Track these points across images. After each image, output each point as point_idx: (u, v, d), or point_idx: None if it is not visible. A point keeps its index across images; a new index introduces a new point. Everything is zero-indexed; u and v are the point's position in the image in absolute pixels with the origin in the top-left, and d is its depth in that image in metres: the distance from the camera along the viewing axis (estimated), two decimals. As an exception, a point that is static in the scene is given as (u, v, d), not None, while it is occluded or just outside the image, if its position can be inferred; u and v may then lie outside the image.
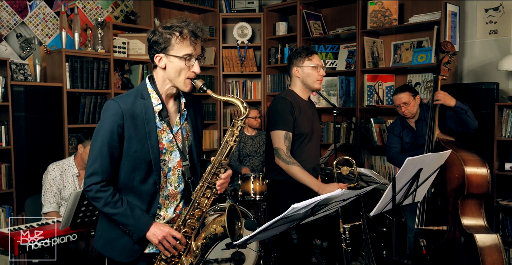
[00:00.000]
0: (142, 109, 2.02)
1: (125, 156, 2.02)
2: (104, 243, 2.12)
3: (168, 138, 2.09)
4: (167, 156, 2.09)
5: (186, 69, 1.99)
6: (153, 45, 2.02)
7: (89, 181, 1.99)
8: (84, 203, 2.93)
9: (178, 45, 1.98)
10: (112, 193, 2.00)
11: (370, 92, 4.80)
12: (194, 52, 1.99)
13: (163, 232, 2.00)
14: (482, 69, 4.38)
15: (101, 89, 4.51)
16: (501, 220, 3.99)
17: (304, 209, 1.95)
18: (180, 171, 2.14)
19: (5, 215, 3.97)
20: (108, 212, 2.00)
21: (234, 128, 2.06)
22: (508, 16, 4.21)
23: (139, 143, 2.01)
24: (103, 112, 2.02)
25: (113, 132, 1.98)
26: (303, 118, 2.98)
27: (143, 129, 2.01)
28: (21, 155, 3.98)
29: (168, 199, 2.14)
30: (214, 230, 2.05)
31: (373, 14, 4.67)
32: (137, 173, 2.03)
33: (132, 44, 4.80)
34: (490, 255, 3.06)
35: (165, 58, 2.01)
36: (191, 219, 2.08)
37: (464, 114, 3.48)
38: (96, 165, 1.99)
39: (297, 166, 2.87)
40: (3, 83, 3.88)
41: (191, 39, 1.98)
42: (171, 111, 2.13)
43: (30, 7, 4.40)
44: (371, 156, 4.91)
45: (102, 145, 1.99)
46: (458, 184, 3.18)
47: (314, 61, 3.02)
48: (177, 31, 1.97)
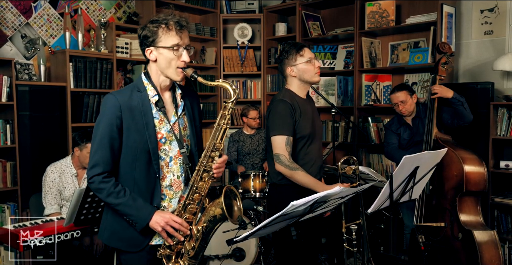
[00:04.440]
0: (139, 101, 2.09)
1: (125, 147, 2.08)
2: (110, 235, 2.17)
3: (167, 128, 2.14)
4: (167, 146, 2.14)
5: (176, 58, 2.06)
6: (143, 40, 2.09)
7: (91, 172, 2.04)
8: (88, 200, 2.97)
9: (165, 36, 2.05)
10: (114, 184, 2.05)
11: (367, 92, 4.86)
12: (181, 42, 2.06)
13: (164, 218, 2.04)
14: (477, 69, 4.43)
15: (104, 88, 4.56)
16: (496, 217, 4.05)
17: (303, 206, 1.97)
18: (181, 160, 2.18)
19: (10, 212, 4.01)
20: (111, 202, 2.05)
21: (225, 111, 2.09)
22: (503, 17, 4.25)
23: (137, 134, 2.06)
24: (102, 106, 2.09)
25: (112, 124, 2.04)
26: (304, 119, 2.87)
27: (141, 120, 2.07)
28: (26, 153, 4.01)
29: (172, 189, 2.17)
30: (213, 212, 2.07)
31: (370, 15, 4.73)
32: (137, 163, 2.08)
33: (134, 44, 4.83)
34: (488, 251, 3.10)
35: (155, 51, 2.08)
36: (191, 204, 2.11)
37: (460, 106, 3.53)
38: (97, 157, 2.04)
39: (300, 171, 2.76)
40: (8, 83, 3.93)
41: (176, 29, 2.05)
42: (168, 102, 2.19)
43: (34, 8, 4.45)
44: (368, 155, 4.96)
45: (102, 137, 2.04)
46: (456, 181, 3.23)
47: (306, 55, 2.87)
48: (163, 23, 2.05)
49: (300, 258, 3.01)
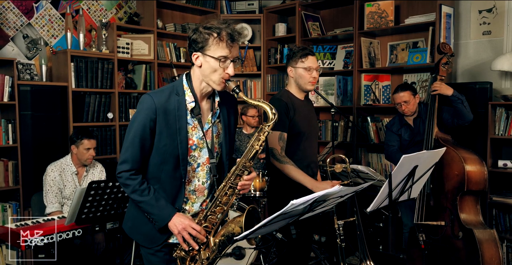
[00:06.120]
0: (175, 105, 2.07)
1: (155, 149, 2.09)
2: (132, 226, 2.21)
3: (199, 135, 2.13)
4: (196, 152, 2.14)
5: (221, 70, 2.02)
6: (192, 43, 2.05)
7: (121, 168, 2.07)
8: (89, 199, 2.99)
9: (215, 46, 2.00)
10: (140, 182, 2.07)
11: (367, 92, 4.88)
12: (229, 55, 2.02)
13: (183, 224, 2.05)
14: (476, 69, 4.44)
15: (105, 88, 4.58)
16: (494, 216, 4.07)
17: (302, 205, 1.96)
18: (209, 168, 2.18)
19: (12, 211, 4.03)
20: (135, 199, 2.07)
21: (261, 134, 2.09)
22: (501, 17, 4.27)
23: (169, 138, 2.06)
24: (139, 105, 2.09)
25: (145, 125, 2.04)
26: (299, 117, 2.98)
27: (174, 125, 2.06)
28: (28, 152, 4.04)
29: (195, 194, 2.19)
30: (232, 230, 2.07)
31: (369, 16, 4.75)
32: (165, 166, 2.09)
33: (135, 44, 4.86)
34: (488, 250, 3.13)
35: (201, 57, 2.04)
36: (212, 215, 2.12)
37: (460, 104, 3.53)
38: (128, 154, 2.06)
39: (290, 165, 2.89)
40: (10, 83, 3.95)
41: (227, 42, 2.00)
42: (204, 109, 2.17)
43: (36, 8, 4.47)
44: (368, 154, 4.98)
45: (134, 135, 2.06)
46: (458, 181, 3.25)
47: (307, 63, 2.98)
48: (215, 32, 1.99)
49: (299, 256, 3.04)
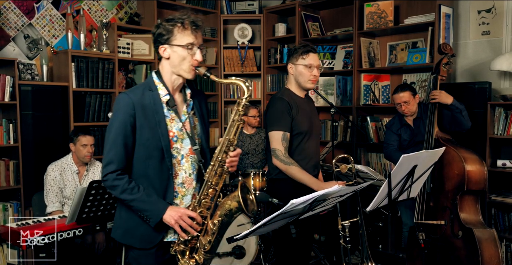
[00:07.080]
0: (150, 100, 2.11)
1: (138, 145, 2.10)
2: (123, 233, 2.19)
3: (178, 126, 2.16)
4: (178, 144, 2.16)
5: (189, 57, 2.08)
6: (157, 37, 2.11)
7: (106, 170, 2.06)
8: (90, 198, 3.00)
9: (180, 35, 2.07)
10: (128, 181, 2.07)
11: (366, 91, 4.89)
12: (195, 41, 2.09)
13: (179, 212, 2.05)
14: (475, 69, 4.46)
15: (106, 88, 4.59)
16: (493, 216, 4.08)
17: (302, 205, 1.97)
18: (193, 158, 2.20)
19: (13, 211, 4.04)
20: (125, 199, 2.07)
21: (239, 107, 2.11)
22: (500, 17, 4.29)
23: (150, 132, 2.09)
24: (115, 105, 2.11)
25: (126, 122, 2.06)
26: (301, 116, 2.93)
27: (153, 118, 2.09)
28: (29, 152, 4.05)
29: (184, 187, 2.19)
30: (229, 206, 2.08)
31: (369, 16, 4.76)
32: (150, 161, 2.10)
33: (136, 44, 4.88)
34: (488, 249, 3.14)
35: (169, 49, 2.10)
36: (206, 199, 2.12)
37: (459, 113, 3.54)
38: (111, 155, 2.06)
39: (295, 166, 2.83)
40: (11, 83, 3.96)
41: (192, 28, 2.08)
42: (178, 101, 2.21)
43: (37, 9, 4.48)
44: (367, 153, 5.00)
45: (116, 135, 2.06)
46: (458, 180, 3.26)
47: (308, 60, 2.92)
48: (178, 22, 2.08)
49: (298, 256, 3.04)
